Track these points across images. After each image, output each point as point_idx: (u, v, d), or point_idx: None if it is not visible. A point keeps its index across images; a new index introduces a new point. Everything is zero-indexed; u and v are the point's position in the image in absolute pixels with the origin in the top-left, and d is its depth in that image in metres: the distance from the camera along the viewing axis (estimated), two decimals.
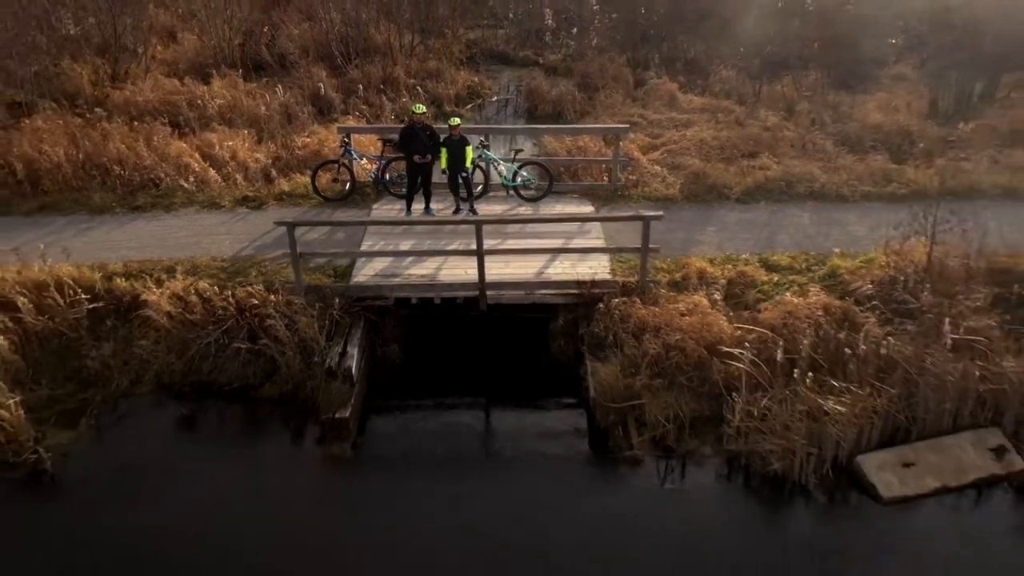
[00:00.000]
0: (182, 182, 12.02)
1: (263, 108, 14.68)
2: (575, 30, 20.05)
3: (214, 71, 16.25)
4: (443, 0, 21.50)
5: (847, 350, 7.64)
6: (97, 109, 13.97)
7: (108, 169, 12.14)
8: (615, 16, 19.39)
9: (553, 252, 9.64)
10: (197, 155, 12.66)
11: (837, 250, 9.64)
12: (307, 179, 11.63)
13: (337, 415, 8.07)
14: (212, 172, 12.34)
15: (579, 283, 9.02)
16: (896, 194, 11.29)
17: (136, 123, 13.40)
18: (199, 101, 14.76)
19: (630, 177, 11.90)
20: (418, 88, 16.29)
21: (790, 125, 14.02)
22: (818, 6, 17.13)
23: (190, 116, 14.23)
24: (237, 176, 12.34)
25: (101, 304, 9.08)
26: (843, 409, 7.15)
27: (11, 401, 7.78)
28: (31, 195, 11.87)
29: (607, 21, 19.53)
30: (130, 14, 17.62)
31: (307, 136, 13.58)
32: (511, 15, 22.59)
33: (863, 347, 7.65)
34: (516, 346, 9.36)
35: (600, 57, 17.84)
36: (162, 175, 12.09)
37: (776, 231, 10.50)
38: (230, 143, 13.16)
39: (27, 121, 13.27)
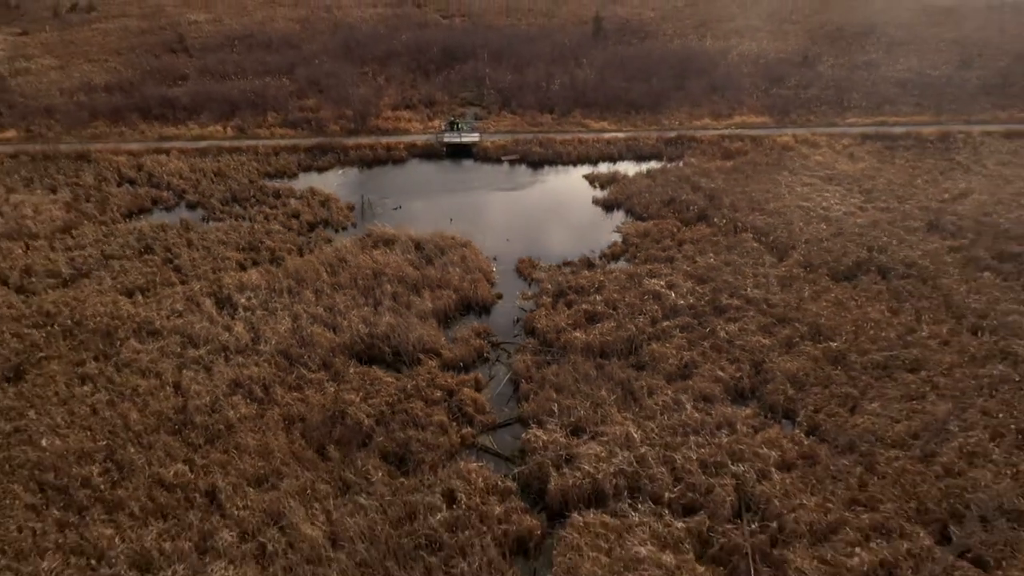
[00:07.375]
0: (410, 129, 70.38)
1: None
2: (494, 92, 78.47)
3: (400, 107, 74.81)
4: (453, 83, 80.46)
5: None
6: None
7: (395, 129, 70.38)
8: (500, 91, 78.19)
9: (471, 135, 68.02)
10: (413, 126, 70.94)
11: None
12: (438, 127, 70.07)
13: (441, 155, 66.17)
14: (416, 128, 70.63)
15: (472, 140, 67.26)
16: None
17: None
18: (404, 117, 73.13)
19: (485, 127, 70.18)
20: (449, 114, 74.64)
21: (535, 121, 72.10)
22: (568, 84, 75.59)
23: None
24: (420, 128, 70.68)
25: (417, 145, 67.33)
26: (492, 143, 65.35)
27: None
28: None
29: (499, 93, 78.12)
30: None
31: (431, 122, 71.85)
32: (475, 87, 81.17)
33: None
34: (468, 150, 67.16)
35: (496, 103, 76.09)
36: (411, 128, 70.66)
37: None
38: (417, 123, 71.41)
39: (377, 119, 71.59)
